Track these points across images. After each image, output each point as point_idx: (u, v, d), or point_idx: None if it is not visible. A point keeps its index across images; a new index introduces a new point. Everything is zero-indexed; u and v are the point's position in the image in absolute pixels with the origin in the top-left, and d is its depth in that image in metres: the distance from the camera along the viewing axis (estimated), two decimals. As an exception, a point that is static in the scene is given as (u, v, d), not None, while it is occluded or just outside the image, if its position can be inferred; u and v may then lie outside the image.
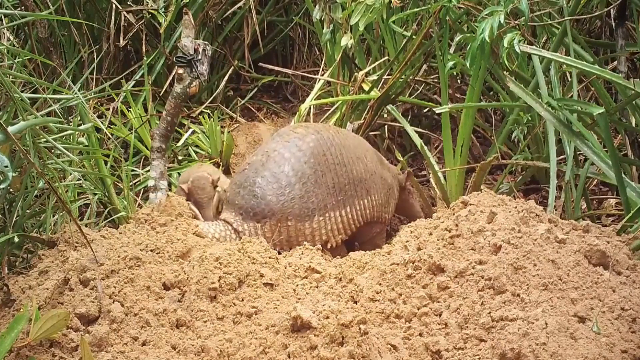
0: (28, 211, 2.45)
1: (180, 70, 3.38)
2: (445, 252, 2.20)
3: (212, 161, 3.94)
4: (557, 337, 1.88)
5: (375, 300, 2.13)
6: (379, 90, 3.46)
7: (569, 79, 3.27)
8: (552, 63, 2.96)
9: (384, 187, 2.90)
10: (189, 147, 4.09)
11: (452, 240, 2.23)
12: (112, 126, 3.87)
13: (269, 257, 2.37)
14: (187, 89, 3.40)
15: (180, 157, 4.04)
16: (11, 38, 3.65)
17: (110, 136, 3.60)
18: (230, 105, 4.63)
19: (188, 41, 3.37)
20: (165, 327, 2.05)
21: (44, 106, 2.53)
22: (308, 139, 2.72)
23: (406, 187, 3.08)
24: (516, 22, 2.79)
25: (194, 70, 3.35)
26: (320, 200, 2.66)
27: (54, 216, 2.54)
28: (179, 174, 3.92)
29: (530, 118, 3.11)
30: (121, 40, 4.14)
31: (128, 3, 4.20)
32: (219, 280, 2.18)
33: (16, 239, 2.30)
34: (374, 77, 3.57)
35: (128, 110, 3.97)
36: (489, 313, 1.98)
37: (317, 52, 4.84)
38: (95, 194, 2.97)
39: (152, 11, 4.13)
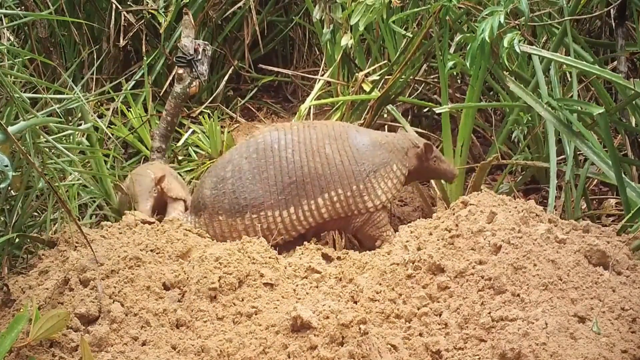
0: (28, 211, 2.45)
1: (180, 70, 3.39)
2: (445, 252, 2.20)
3: (212, 161, 3.94)
4: (557, 337, 1.88)
5: (375, 300, 2.13)
6: (379, 90, 3.46)
7: (569, 79, 3.26)
8: (552, 63, 2.96)
9: (362, 174, 2.64)
10: (189, 147, 4.09)
11: (452, 240, 2.23)
12: (112, 126, 3.87)
13: (269, 257, 2.37)
14: (187, 89, 3.41)
15: (180, 157, 4.04)
16: (11, 38, 3.64)
17: (111, 136, 3.60)
18: (230, 105, 4.63)
19: (188, 41, 3.38)
20: (165, 327, 2.05)
21: (45, 107, 2.52)
22: (260, 137, 2.70)
23: (429, 159, 2.79)
24: (516, 22, 2.79)
25: (194, 70, 3.36)
26: (255, 198, 2.62)
27: (53, 215, 2.54)
28: (180, 174, 3.93)
29: (530, 118, 3.10)
30: (121, 41, 4.14)
31: (128, 3, 4.20)
32: (219, 280, 2.19)
33: (16, 239, 2.30)
34: (374, 77, 3.57)
35: (128, 110, 3.97)
36: (489, 313, 1.98)
37: (317, 52, 4.84)
38: (95, 196, 2.97)
39: (152, 11, 4.13)
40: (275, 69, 4.54)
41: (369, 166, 2.66)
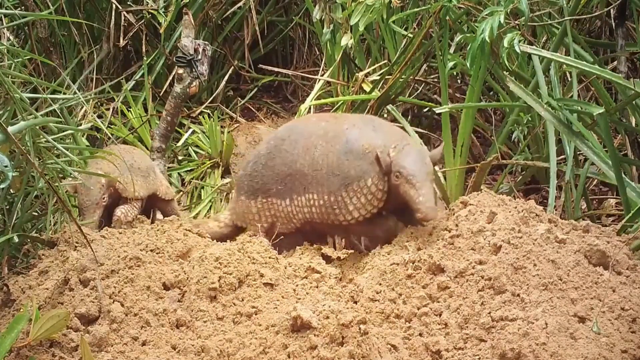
0: (28, 211, 2.45)
1: (180, 70, 3.39)
2: (445, 252, 2.19)
3: (212, 161, 3.94)
4: (557, 337, 1.88)
5: (375, 300, 2.12)
6: (379, 90, 3.46)
7: (569, 79, 3.27)
8: (552, 63, 2.96)
9: (334, 185, 2.44)
10: (189, 147, 4.10)
11: (452, 240, 2.23)
12: (112, 126, 3.87)
13: (269, 257, 2.37)
14: (187, 89, 3.41)
15: (180, 157, 4.04)
16: (11, 38, 3.64)
17: (110, 136, 3.60)
18: (230, 105, 4.64)
19: (188, 41, 3.38)
20: (165, 327, 2.05)
21: (44, 106, 2.52)
22: (288, 123, 2.73)
23: (385, 173, 2.39)
24: (516, 22, 2.79)
25: (194, 70, 3.36)
26: (265, 184, 2.60)
27: (53, 216, 2.54)
28: (179, 174, 3.93)
29: (530, 118, 3.11)
30: (121, 40, 4.14)
31: (128, 3, 4.20)
32: (219, 280, 2.18)
33: (16, 239, 2.30)
34: (374, 77, 3.57)
35: (128, 110, 3.97)
36: (489, 313, 1.98)
37: (317, 52, 4.84)
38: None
39: (152, 11, 4.13)
40: (275, 69, 4.54)
41: (342, 179, 2.43)
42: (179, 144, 4.07)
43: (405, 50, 3.38)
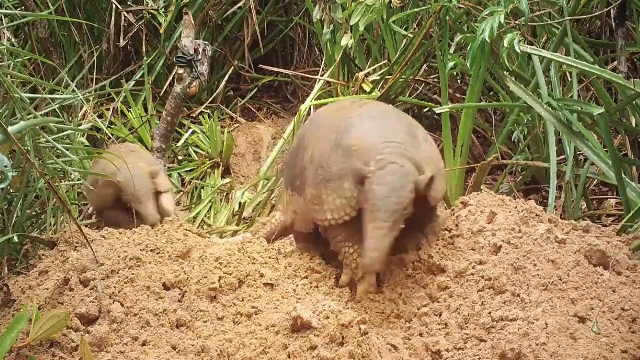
0: (28, 211, 2.45)
1: (180, 70, 3.39)
2: (445, 252, 2.19)
3: (212, 161, 3.94)
4: (557, 337, 1.88)
5: (375, 301, 2.13)
6: (379, 90, 3.46)
7: (569, 79, 3.27)
8: (552, 63, 2.96)
9: (317, 178, 2.17)
10: (189, 147, 4.10)
11: (452, 240, 2.23)
12: (112, 126, 3.87)
13: (269, 257, 2.37)
14: (187, 89, 3.41)
15: (180, 157, 4.04)
16: (11, 38, 3.64)
17: (111, 136, 3.60)
18: (230, 105, 4.64)
19: (188, 41, 3.38)
20: (165, 327, 2.04)
21: (44, 106, 2.53)
22: (318, 111, 2.65)
23: (362, 184, 2.07)
24: (516, 22, 2.79)
25: (194, 70, 3.36)
26: (290, 177, 2.39)
27: (54, 216, 2.54)
28: (179, 174, 3.93)
29: (530, 118, 3.11)
30: (121, 40, 4.15)
31: (128, 3, 4.21)
32: (219, 280, 2.18)
33: (16, 239, 2.30)
34: (374, 77, 3.57)
35: (128, 110, 3.97)
36: (489, 313, 1.98)
37: (317, 52, 4.84)
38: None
39: (152, 11, 4.14)
40: (275, 69, 4.54)
41: (326, 173, 2.14)
42: (179, 144, 4.07)
43: (405, 50, 3.38)
